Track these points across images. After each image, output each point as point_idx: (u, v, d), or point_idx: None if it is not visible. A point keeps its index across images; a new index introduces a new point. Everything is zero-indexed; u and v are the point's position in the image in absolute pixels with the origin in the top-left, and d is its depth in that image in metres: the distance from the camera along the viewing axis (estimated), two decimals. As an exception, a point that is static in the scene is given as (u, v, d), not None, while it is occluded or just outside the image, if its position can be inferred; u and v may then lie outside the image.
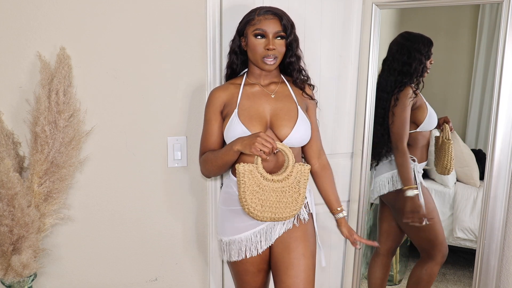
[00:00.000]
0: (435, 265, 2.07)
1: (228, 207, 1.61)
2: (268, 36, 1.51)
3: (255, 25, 1.51)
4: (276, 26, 1.51)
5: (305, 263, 1.54)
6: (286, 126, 1.55)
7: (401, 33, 2.07)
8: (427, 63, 2.03)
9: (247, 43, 1.55)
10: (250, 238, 1.58)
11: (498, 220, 1.80)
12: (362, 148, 2.04)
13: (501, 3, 1.71)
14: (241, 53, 1.62)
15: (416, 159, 2.07)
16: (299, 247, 1.55)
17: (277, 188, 1.48)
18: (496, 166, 1.78)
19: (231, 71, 1.66)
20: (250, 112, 1.55)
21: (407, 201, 2.01)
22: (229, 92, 1.59)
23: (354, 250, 2.12)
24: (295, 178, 1.50)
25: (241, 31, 1.57)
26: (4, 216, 1.47)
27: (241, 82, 1.61)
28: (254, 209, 1.47)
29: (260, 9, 1.54)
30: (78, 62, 1.65)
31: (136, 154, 1.80)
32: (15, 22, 1.57)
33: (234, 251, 1.59)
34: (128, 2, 1.69)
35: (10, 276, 1.52)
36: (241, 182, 1.45)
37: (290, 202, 1.50)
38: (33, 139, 1.56)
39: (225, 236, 1.61)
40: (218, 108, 1.59)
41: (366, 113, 2.01)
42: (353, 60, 2.02)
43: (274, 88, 1.62)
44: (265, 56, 1.51)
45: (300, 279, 1.51)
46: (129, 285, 1.89)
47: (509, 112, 1.74)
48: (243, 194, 1.45)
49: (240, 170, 1.44)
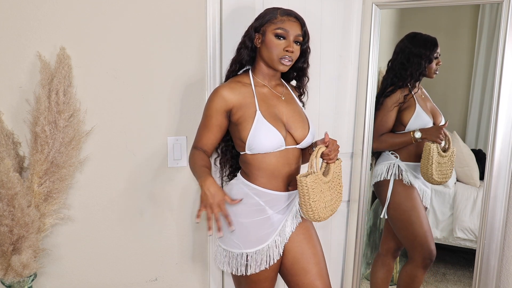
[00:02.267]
0: (415, 267, 2.04)
1: (251, 219, 1.54)
2: (289, 38, 1.49)
3: (277, 24, 1.49)
4: (297, 29, 1.51)
5: (322, 266, 1.59)
6: (302, 128, 1.56)
7: (408, 34, 2.05)
8: (432, 65, 2.02)
9: (263, 40, 1.52)
10: (272, 246, 1.54)
11: (498, 220, 1.80)
12: (362, 148, 2.04)
13: (501, 3, 1.71)
14: (252, 49, 1.57)
15: (398, 155, 2.07)
16: (312, 254, 1.58)
17: (329, 187, 1.53)
18: (496, 166, 1.78)
19: (239, 66, 1.60)
20: (271, 114, 1.53)
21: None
22: (238, 92, 1.52)
23: (354, 250, 2.12)
24: (334, 172, 1.56)
25: (258, 28, 1.53)
26: (4, 216, 1.47)
27: (247, 81, 1.57)
28: (320, 214, 1.51)
29: (282, 9, 1.52)
30: (78, 62, 1.65)
31: (136, 154, 1.80)
32: (15, 22, 1.57)
33: (262, 260, 1.53)
34: (128, 2, 1.69)
35: (10, 276, 1.52)
36: (305, 194, 1.46)
37: (338, 194, 1.58)
38: (33, 139, 1.56)
39: (250, 249, 1.53)
40: (224, 108, 1.51)
41: (366, 113, 2.01)
42: (353, 60, 2.02)
43: (281, 90, 1.61)
44: (283, 57, 1.49)
45: (320, 278, 1.56)
46: (129, 285, 1.89)
47: (509, 112, 1.74)
48: (310, 205, 1.47)
49: (303, 183, 1.44)
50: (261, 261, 1.53)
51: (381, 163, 2.11)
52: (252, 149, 1.50)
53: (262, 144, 1.48)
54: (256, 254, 1.53)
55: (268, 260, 1.54)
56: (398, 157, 2.07)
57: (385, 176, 2.08)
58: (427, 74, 2.04)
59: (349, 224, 2.14)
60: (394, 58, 2.06)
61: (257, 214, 1.54)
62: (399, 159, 2.07)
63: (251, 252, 1.53)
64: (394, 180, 2.06)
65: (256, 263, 1.53)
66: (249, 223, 1.53)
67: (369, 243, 2.30)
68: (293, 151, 1.55)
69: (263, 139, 1.48)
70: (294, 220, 1.58)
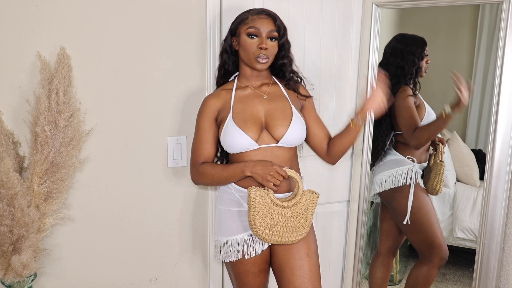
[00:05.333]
0: (432, 267, 2.06)
1: (226, 207, 1.61)
2: (262, 35, 1.52)
3: (248, 23, 1.53)
4: (269, 25, 1.53)
5: (310, 262, 1.56)
6: (281, 126, 1.56)
7: (395, 36, 2.08)
8: (422, 63, 2.03)
9: (239, 42, 1.56)
10: (248, 239, 1.58)
11: (498, 220, 1.80)
12: (362, 148, 2.04)
13: (501, 3, 1.71)
14: (232, 53, 1.62)
15: (415, 159, 2.07)
16: (302, 247, 1.57)
17: (286, 214, 1.51)
18: (496, 166, 1.78)
19: (224, 71, 1.66)
20: (244, 115, 1.56)
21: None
22: (221, 98, 1.60)
23: (354, 250, 2.12)
24: (304, 205, 1.53)
25: (233, 30, 1.58)
26: (4, 216, 1.47)
27: (232, 87, 1.62)
28: (262, 232, 1.50)
29: (254, 9, 1.56)
30: (78, 62, 1.65)
31: (136, 154, 1.80)
32: (15, 22, 1.57)
33: (232, 251, 1.59)
34: (128, 3, 1.69)
35: (10, 276, 1.52)
36: (251, 207, 1.47)
37: (297, 227, 1.53)
38: (33, 139, 1.56)
39: (222, 237, 1.62)
40: (212, 116, 1.60)
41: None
42: (353, 60, 2.02)
43: (266, 89, 1.62)
44: (258, 55, 1.52)
45: (307, 278, 1.54)
46: (129, 285, 1.89)
47: (509, 112, 1.74)
48: (253, 218, 1.48)
49: (251, 195, 1.46)
50: (231, 251, 1.59)
51: (393, 168, 2.09)
52: (226, 149, 1.58)
53: (229, 144, 1.55)
54: (227, 244, 1.59)
55: (238, 253, 1.58)
56: (416, 161, 2.07)
57: (404, 181, 2.07)
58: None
59: (349, 224, 2.14)
60: (386, 60, 2.06)
61: (231, 205, 1.59)
62: (416, 162, 2.07)
63: (223, 240, 1.61)
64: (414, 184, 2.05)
65: (226, 252, 1.60)
66: (223, 211, 1.61)
67: (369, 243, 2.30)
68: (272, 150, 1.56)
69: (228, 140, 1.54)
70: None
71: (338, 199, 2.13)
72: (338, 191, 2.12)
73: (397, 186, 2.08)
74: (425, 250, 2.09)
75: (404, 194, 2.06)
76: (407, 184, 2.06)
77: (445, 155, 2.14)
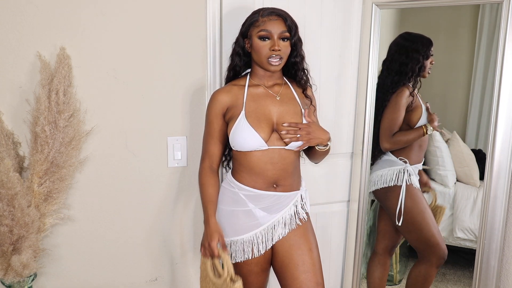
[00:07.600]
0: (430, 267, 2.06)
1: (230, 207, 1.60)
2: (273, 37, 1.50)
3: (260, 26, 1.51)
4: (280, 26, 1.51)
5: (313, 257, 1.58)
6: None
7: (401, 34, 2.07)
8: (426, 62, 2.03)
9: (251, 44, 1.54)
10: (252, 240, 1.58)
11: (498, 220, 1.80)
12: (362, 148, 2.04)
13: (501, 3, 1.71)
14: (244, 55, 1.60)
15: (407, 160, 2.07)
16: (304, 244, 1.58)
17: (216, 283, 1.51)
18: (496, 166, 1.78)
19: (233, 74, 1.64)
20: (257, 114, 1.55)
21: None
22: (232, 94, 1.58)
23: (354, 250, 2.12)
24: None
25: (244, 33, 1.56)
26: (4, 216, 1.47)
27: (244, 83, 1.60)
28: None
29: (264, 10, 1.53)
30: (78, 62, 1.65)
31: (136, 154, 1.80)
32: (15, 22, 1.57)
33: (237, 252, 1.59)
34: (129, 3, 1.69)
35: (10, 276, 1.52)
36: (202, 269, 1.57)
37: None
38: (33, 139, 1.56)
39: (226, 237, 1.60)
40: (220, 111, 1.58)
41: (366, 113, 2.01)
42: (353, 60, 2.02)
43: (278, 89, 1.61)
44: (270, 56, 1.51)
45: (311, 273, 1.56)
46: (129, 285, 1.89)
47: (509, 112, 1.74)
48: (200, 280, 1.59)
49: (202, 260, 1.56)
50: (236, 252, 1.59)
51: (385, 168, 2.10)
52: (234, 146, 1.57)
53: (239, 143, 1.54)
54: (231, 245, 1.59)
55: (243, 254, 1.58)
56: (408, 162, 2.06)
57: (395, 182, 2.07)
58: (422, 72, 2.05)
59: (349, 224, 2.14)
60: (391, 57, 2.06)
61: (235, 205, 1.59)
62: (408, 163, 2.07)
63: (227, 241, 1.59)
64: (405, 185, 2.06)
65: (231, 253, 1.59)
66: (226, 211, 1.60)
67: (369, 243, 2.30)
68: (280, 151, 1.56)
69: (239, 138, 1.53)
70: (286, 226, 1.59)
71: (338, 199, 2.13)
72: (338, 191, 2.12)
73: (389, 186, 2.08)
74: (423, 249, 2.10)
75: (395, 195, 2.07)
76: (398, 185, 2.06)
77: (445, 155, 2.15)
